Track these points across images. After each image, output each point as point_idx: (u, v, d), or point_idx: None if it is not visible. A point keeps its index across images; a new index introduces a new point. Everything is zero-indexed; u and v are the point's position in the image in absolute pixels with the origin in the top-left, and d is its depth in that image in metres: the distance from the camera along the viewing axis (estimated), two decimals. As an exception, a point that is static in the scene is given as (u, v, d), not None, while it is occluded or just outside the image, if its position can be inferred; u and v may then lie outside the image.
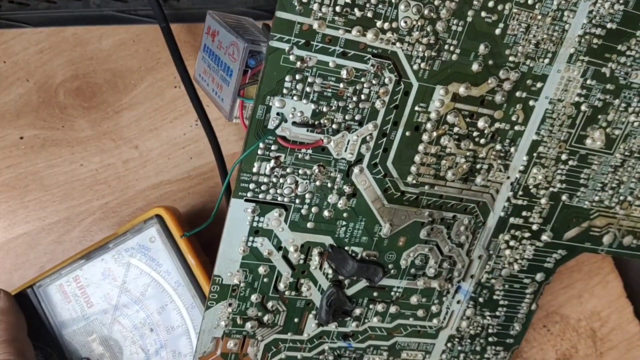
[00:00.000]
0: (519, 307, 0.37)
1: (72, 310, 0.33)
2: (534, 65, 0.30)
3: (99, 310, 0.33)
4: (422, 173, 0.31)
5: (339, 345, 0.35)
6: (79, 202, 0.37)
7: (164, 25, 0.33)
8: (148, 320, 0.34)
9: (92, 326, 0.34)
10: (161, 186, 0.38)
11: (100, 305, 0.33)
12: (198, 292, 0.34)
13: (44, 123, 0.36)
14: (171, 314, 0.34)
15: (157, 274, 0.33)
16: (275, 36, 0.27)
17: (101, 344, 0.34)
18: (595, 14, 0.30)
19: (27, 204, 0.37)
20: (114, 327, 0.34)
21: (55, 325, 0.33)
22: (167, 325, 0.34)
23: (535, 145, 0.32)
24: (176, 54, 0.34)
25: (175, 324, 0.34)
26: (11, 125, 0.36)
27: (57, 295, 0.33)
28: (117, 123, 0.37)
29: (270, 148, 0.29)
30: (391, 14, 0.27)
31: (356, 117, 0.29)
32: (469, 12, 0.28)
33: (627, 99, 0.32)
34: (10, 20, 0.35)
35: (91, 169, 0.37)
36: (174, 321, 0.34)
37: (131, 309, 0.34)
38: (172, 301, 0.34)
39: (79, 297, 0.33)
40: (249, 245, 0.31)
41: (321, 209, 0.31)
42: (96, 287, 0.33)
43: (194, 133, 0.38)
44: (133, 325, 0.34)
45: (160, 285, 0.34)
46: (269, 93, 0.28)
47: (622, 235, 0.36)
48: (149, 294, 0.34)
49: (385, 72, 0.29)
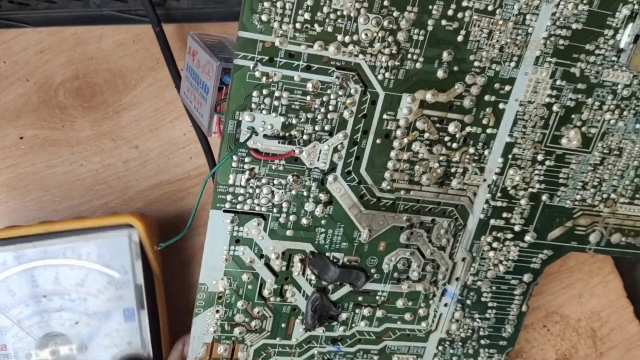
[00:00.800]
0: (508, 308, 0.37)
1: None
2: (500, 69, 0.31)
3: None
4: (397, 179, 0.32)
5: (329, 350, 0.36)
6: (79, 202, 0.38)
7: (158, 30, 0.35)
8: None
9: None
10: (161, 186, 0.39)
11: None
12: (141, 303, 0.35)
13: (44, 123, 0.37)
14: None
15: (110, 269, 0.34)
16: (239, 54, 0.28)
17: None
18: (559, 16, 0.30)
19: (27, 204, 0.38)
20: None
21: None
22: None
23: (509, 147, 0.33)
24: (169, 59, 0.35)
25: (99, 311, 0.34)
26: (11, 125, 0.37)
27: None
28: (117, 123, 0.38)
29: (244, 160, 0.30)
30: (351, 28, 0.29)
31: (326, 128, 0.30)
32: (429, 21, 0.29)
33: (601, 97, 0.33)
34: (10, 20, 0.35)
35: (91, 169, 0.38)
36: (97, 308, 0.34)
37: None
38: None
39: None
40: (230, 254, 0.32)
41: (299, 217, 0.32)
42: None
43: (194, 133, 0.38)
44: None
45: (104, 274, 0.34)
46: (238, 108, 0.29)
47: (610, 233, 0.36)
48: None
49: (350, 83, 0.30)
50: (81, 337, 0.34)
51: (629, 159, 0.34)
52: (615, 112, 0.33)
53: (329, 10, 0.28)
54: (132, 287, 0.34)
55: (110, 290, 0.34)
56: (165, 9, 0.37)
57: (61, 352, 0.34)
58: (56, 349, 0.34)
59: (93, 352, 0.35)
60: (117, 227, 0.34)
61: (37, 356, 0.34)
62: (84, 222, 0.34)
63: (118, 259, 0.34)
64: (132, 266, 0.34)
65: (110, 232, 0.34)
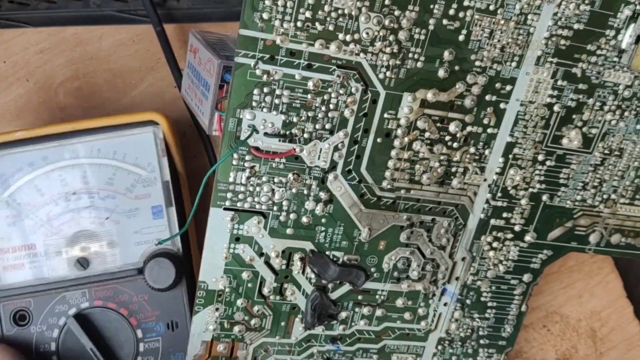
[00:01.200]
0: (508, 308, 0.37)
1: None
2: (501, 69, 0.31)
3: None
4: (397, 178, 0.32)
5: (328, 349, 0.36)
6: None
7: (159, 29, 0.35)
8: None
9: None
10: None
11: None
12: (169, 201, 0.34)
13: (44, 123, 0.37)
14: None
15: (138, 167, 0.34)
16: (240, 52, 0.28)
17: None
18: (561, 16, 0.30)
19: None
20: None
21: None
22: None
23: (510, 147, 0.33)
24: (170, 57, 0.35)
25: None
26: (11, 125, 0.37)
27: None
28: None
29: (245, 158, 0.30)
30: (352, 26, 0.29)
31: (326, 126, 0.30)
32: (430, 20, 0.29)
33: (602, 97, 0.33)
34: (10, 20, 0.36)
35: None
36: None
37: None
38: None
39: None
40: (230, 252, 0.32)
41: (299, 216, 0.32)
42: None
43: (194, 131, 0.38)
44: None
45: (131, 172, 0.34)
46: (239, 106, 0.29)
47: (610, 234, 0.36)
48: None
49: (351, 82, 0.30)
50: (111, 234, 0.34)
51: (629, 159, 0.34)
52: (617, 113, 0.33)
53: (330, 9, 0.28)
54: (159, 185, 0.34)
55: (138, 187, 0.34)
56: (166, 9, 0.37)
57: (91, 249, 0.34)
58: (86, 246, 0.34)
59: (123, 249, 0.35)
60: (142, 124, 0.34)
61: (67, 254, 0.34)
62: (109, 119, 0.34)
63: (144, 156, 0.34)
64: (158, 163, 0.34)
65: (135, 129, 0.34)
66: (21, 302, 0.34)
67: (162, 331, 0.35)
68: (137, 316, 0.35)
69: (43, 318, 0.34)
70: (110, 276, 0.34)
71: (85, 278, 0.34)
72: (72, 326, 0.34)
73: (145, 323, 0.35)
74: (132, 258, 0.34)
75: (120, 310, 0.35)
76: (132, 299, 0.35)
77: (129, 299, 0.35)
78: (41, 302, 0.34)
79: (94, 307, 0.34)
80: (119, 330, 0.35)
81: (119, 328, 0.35)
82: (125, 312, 0.35)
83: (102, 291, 0.34)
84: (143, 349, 0.35)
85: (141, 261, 0.34)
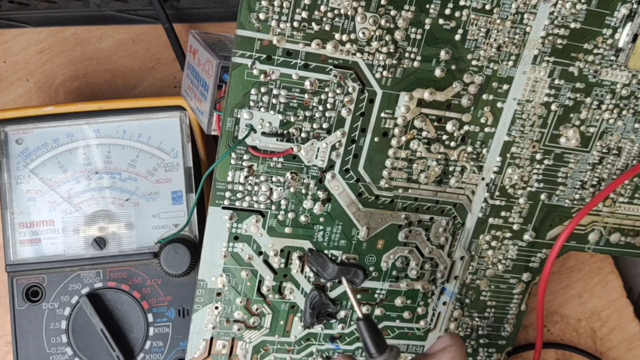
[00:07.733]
0: (507, 307, 0.37)
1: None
2: (498, 68, 0.31)
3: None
4: (395, 177, 0.32)
5: (327, 348, 0.36)
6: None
7: (167, 26, 0.35)
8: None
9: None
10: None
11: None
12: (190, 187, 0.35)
13: None
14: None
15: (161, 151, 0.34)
16: (237, 52, 0.28)
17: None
18: (557, 15, 0.30)
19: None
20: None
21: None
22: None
23: (507, 146, 0.33)
24: (180, 54, 0.35)
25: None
26: None
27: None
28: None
29: (243, 158, 0.31)
30: (348, 26, 0.29)
31: (324, 126, 0.31)
32: (426, 20, 0.29)
33: (599, 96, 0.33)
34: (10, 20, 0.36)
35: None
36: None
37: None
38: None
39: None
40: (229, 251, 0.32)
41: (297, 215, 0.32)
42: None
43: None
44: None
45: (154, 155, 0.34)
46: (236, 106, 0.29)
47: (609, 233, 0.36)
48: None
49: (348, 82, 0.30)
50: (129, 216, 0.35)
51: (627, 158, 0.34)
52: (614, 112, 0.33)
53: (326, 9, 0.28)
54: (181, 170, 0.34)
55: (160, 171, 0.34)
56: (166, 9, 0.37)
57: (109, 229, 0.34)
58: (105, 226, 0.34)
59: (140, 231, 0.35)
60: (169, 109, 0.34)
61: (84, 232, 0.34)
62: (137, 101, 0.34)
63: (169, 140, 0.34)
64: (182, 149, 0.34)
65: (162, 113, 0.34)
66: (35, 278, 0.34)
67: (173, 317, 0.35)
68: (149, 300, 0.35)
69: (56, 295, 0.34)
70: (126, 258, 0.34)
71: (101, 258, 0.34)
72: (84, 305, 0.34)
73: (157, 307, 0.35)
74: (148, 241, 0.35)
75: (133, 293, 0.35)
76: (146, 282, 0.35)
77: (142, 282, 0.35)
78: (55, 279, 0.34)
79: (107, 288, 0.35)
80: (130, 313, 0.35)
81: (130, 310, 0.35)
82: (137, 295, 0.35)
83: (117, 272, 0.35)
84: (153, 333, 0.35)
85: (157, 245, 0.34)
